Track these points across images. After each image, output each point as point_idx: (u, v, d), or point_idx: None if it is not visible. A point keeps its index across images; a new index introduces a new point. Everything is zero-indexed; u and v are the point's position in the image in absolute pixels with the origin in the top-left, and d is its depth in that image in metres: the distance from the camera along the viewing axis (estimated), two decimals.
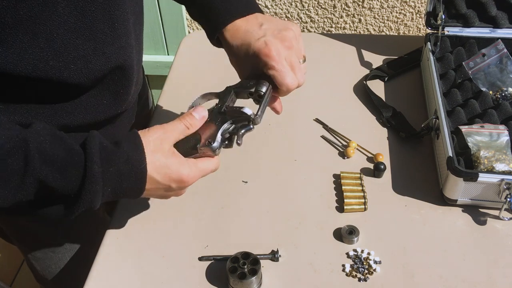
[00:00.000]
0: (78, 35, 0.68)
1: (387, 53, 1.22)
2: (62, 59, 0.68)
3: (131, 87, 0.83)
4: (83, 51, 0.70)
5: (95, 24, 0.70)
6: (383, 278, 0.78)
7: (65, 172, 0.64)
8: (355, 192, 0.89)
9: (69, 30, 0.67)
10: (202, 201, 0.91)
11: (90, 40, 0.70)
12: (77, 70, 0.71)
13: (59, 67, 0.68)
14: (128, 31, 0.77)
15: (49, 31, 0.65)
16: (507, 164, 0.84)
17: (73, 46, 0.69)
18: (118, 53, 0.75)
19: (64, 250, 0.98)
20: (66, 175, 0.64)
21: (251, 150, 1.00)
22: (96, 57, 0.72)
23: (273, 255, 0.81)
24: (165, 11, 1.80)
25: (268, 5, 1.68)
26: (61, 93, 0.74)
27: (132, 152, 0.68)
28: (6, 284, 1.80)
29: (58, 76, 0.69)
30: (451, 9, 1.12)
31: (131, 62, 0.79)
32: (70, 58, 0.69)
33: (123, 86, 0.81)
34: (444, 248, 0.82)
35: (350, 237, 0.83)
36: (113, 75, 0.77)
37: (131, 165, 0.67)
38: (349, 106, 1.09)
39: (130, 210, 0.90)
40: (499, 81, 1.04)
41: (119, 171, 0.67)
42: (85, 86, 0.74)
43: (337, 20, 1.67)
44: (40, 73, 0.67)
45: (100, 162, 0.65)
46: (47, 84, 0.70)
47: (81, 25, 0.68)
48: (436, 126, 0.93)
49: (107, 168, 0.66)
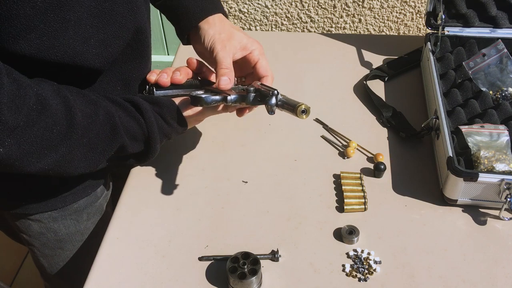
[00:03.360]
0: (100, 19, 0.71)
1: (387, 53, 1.22)
2: (87, 44, 0.70)
3: (144, 72, 0.86)
4: (104, 35, 0.72)
5: (115, 8, 0.72)
6: (383, 278, 0.78)
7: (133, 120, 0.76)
8: (355, 192, 0.89)
9: (92, 15, 0.69)
10: (202, 201, 0.91)
11: (110, 24, 0.72)
12: (98, 54, 0.73)
13: (83, 52, 0.71)
14: (143, 15, 0.80)
15: (77, 17, 0.67)
16: (507, 164, 0.84)
17: (95, 31, 0.71)
18: (135, 37, 0.78)
19: (72, 247, 0.99)
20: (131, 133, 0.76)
21: (251, 150, 1.00)
22: (115, 40, 0.75)
23: (273, 255, 0.81)
24: None
25: (268, 5, 1.67)
26: (79, 78, 0.76)
27: (169, 106, 0.82)
28: (6, 284, 1.80)
29: (83, 62, 0.71)
30: (451, 9, 1.12)
31: (146, 46, 0.82)
32: (92, 43, 0.71)
33: (137, 70, 0.84)
34: (444, 248, 0.82)
35: (350, 237, 0.83)
36: (127, 58, 0.80)
37: (174, 112, 0.82)
38: (349, 106, 1.09)
39: (130, 210, 0.90)
40: (499, 81, 1.04)
41: (164, 115, 0.80)
42: (102, 71, 0.77)
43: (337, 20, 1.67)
44: (68, 59, 0.69)
45: (150, 108, 0.78)
46: (69, 70, 0.72)
47: (102, 9, 0.70)
48: (436, 126, 0.93)
49: (154, 112, 0.79)
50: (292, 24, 1.70)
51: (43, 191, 0.89)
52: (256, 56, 0.86)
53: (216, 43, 0.84)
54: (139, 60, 0.84)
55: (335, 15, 1.65)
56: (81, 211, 0.95)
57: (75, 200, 0.93)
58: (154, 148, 0.80)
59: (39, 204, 0.90)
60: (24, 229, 0.95)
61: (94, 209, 0.98)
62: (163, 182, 0.94)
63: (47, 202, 0.91)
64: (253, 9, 1.67)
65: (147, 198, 0.92)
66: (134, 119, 0.77)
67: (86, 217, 0.97)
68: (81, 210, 0.95)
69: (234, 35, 0.86)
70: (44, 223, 0.94)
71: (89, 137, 0.70)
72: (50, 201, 0.91)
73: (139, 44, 0.82)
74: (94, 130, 0.71)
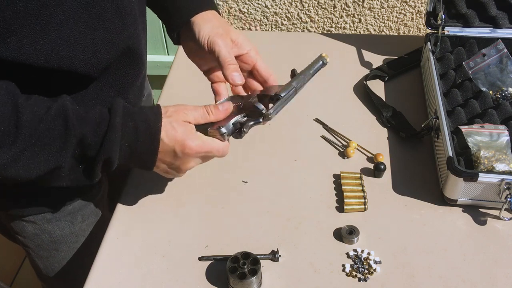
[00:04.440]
0: (87, 25, 0.70)
1: (387, 53, 1.22)
2: (73, 49, 0.69)
3: (138, 78, 0.85)
4: (92, 40, 0.71)
5: (104, 13, 0.71)
6: (383, 278, 0.78)
7: (97, 129, 0.70)
8: (355, 192, 0.89)
9: (78, 19, 0.68)
10: (202, 201, 0.91)
11: (98, 29, 0.72)
12: (86, 59, 0.72)
13: (70, 57, 0.70)
14: (136, 20, 0.79)
15: (59, 21, 0.66)
16: (507, 164, 0.84)
17: (82, 36, 0.70)
18: (126, 42, 0.77)
19: (67, 248, 0.98)
20: (97, 132, 0.70)
21: (251, 150, 1.00)
22: (105, 47, 0.74)
23: (273, 255, 0.81)
24: None
25: (268, 5, 1.67)
26: (70, 84, 0.75)
27: (151, 114, 0.74)
28: (6, 284, 1.80)
29: (69, 66, 0.70)
30: (451, 9, 1.12)
31: (139, 51, 0.81)
32: (80, 48, 0.70)
33: (131, 77, 0.83)
34: (444, 248, 0.82)
35: (350, 237, 0.83)
36: (120, 65, 0.79)
37: (147, 124, 0.73)
38: (349, 106, 1.09)
39: (130, 210, 0.90)
40: (499, 81, 1.04)
41: (136, 127, 0.72)
42: (93, 77, 0.76)
43: (337, 20, 1.67)
44: (52, 63, 0.68)
45: (122, 115, 0.71)
46: (58, 75, 0.71)
47: (90, 14, 0.70)
48: (436, 126, 0.93)
49: (127, 122, 0.72)
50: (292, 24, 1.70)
51: (37, 193, 0.88)
52: (253, 56, 0.85)
53: (216, 38, 0.81)
54: (132, 66, 0.82)
55: (335, 15, 1.65)
56: (75, 213, 0.94)
57: (69, 201, 0.92)
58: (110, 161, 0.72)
59: (33, 205, 0.90)
60: (19, 230, 0.95)
61: (89, 210, 0.97)
62: (163, 182, 0.94)
63: (41, 204, 0.90)
64: (253, 9, 1.67)
65: (147, 198, 0.92)
66: (92, 117, 0.71)
67: (81, 219, 0.96)
68: (76, 211, 0.94)
69: (231, 31, 0.84)
70: (38, 224, 0.93)
71: (38, 135, 0.66)
72: (44, 203, 0.90)
73: (131, 51, 0.80)
74: (44, 127, 0.66)
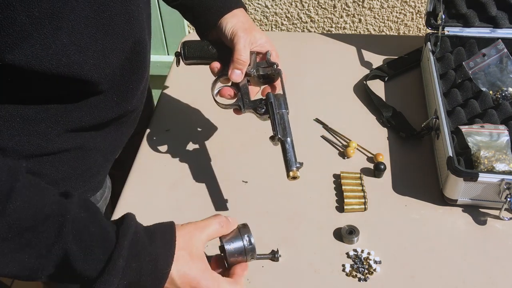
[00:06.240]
0: (97, 30, 0.70)
1: (387, 53, 1.22)
2: (83, 54, 0.69)
3: (141, 82, 0.85)
4: (102, 46, 0.71)
5: (114, 18, 0.71)
6: (383, 278, 0.78)
7: (91, 254, 0.62)
8: (355, 192, 0.89)
9: (89, 24, 0.68)
10: (202, 201, 0.91)
11: (109, 34, 0.72)
12: (95, 65, 0.72)
13: (80, 63, 0.69)
14: (143, 26, 0.79)
15: (71, 25, 0.66)
16: (507, 164, 0.84)
17: (93, 41, 0.70)
18: (133, 48, 0.77)
19: None
20: (89, 257, 0.62)
21: (251, 150, 1.00)
22: (113, 53, 0.73)
23: (273, 255, 0.81)
24: (165, 11, 1.79)
25: (268, 5, 1.67)
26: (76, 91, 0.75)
27: (162, 251, 0.67)
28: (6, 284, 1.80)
29: (79, 72, 0.70)
30: (451, 9, 1.12)
31: (144, 58, 0.81)
32: (90, 53, 0.70)
33: (135, 82, 0.83)
34: (444, 248, 0.82)
35: (350, 237, 0.83)
36: (125, 71, 0.79)
37: (155, 267, 0.65)
38: (349, 106, 1.09)
39: (130, 210, 0.89)
40: (499, 81, 1.04)
41: (141, 269, 0.65)
42: (99, 83, 0.75)
43: (337, 20, 1.67)
44: (63, 68, 0.68)
45: (127, 256, 0.63)
46: (64, 83, 0.70)
47: (100, 19, 0.70)
48: (436, 126, 0.93)
49: (131, 264, 0.64)
50: (292, 24, 1.70)
51: None
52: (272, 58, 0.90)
53: (239, 31, 0.85)
54: (136, 72, 0.82)
55: (335, 15, 1.65)
56: None
57: None
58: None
59: None
60: None
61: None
62: (163, 183, 0.94)
63: None
64: (253, 9, 1.67)
65: (146, 198, 0.92)
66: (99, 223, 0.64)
67: None
68: None
69: (256, 29, 0.88)
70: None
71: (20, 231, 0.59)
72: None
73: (136, 56, 0.80)
74: (30, 224, 0.59)
